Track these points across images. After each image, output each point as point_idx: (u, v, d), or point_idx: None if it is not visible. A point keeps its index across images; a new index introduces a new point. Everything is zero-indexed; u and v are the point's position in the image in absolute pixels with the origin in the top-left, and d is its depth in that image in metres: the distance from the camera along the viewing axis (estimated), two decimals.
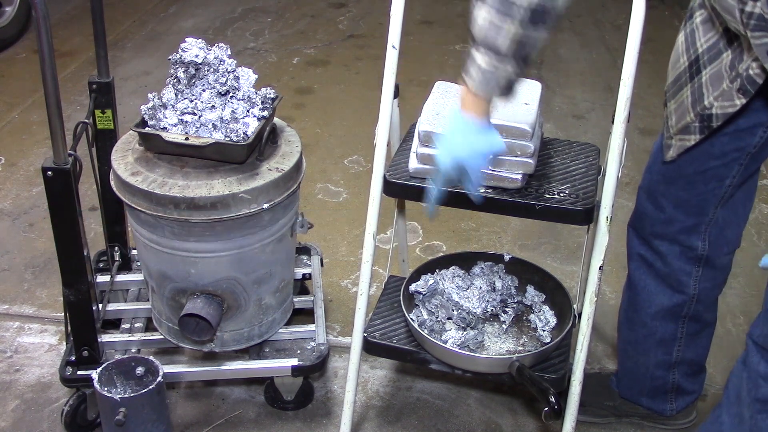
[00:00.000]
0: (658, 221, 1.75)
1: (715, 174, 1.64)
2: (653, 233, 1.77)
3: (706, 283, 1.79)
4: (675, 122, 1.59)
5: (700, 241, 1.73)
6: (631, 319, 1.90)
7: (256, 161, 1.80)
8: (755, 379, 1.46)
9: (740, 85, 1.43)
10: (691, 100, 1.54)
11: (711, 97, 1.49)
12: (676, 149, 1.61)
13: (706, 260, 1.75)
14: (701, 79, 1.52)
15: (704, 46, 1.52)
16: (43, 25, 1.54)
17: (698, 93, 1.52)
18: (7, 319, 2.40)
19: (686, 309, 1.81)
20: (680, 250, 1.75)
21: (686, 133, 1.57)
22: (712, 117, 1.50)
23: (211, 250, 1.79)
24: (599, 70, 4.06)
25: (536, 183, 1.69)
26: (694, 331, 1.86)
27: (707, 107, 1.50)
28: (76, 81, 3.86)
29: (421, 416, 2.08)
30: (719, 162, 1.62)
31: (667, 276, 1.79)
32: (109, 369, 1.83)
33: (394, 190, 1.73)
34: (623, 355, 1.98)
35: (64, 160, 1.67)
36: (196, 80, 1.79)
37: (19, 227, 2.82)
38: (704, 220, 1.71)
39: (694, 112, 1.53)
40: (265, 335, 2.00)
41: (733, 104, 1.45)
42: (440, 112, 1.71)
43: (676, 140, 1.60)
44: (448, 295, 1.87)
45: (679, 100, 1.58)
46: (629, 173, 3.06)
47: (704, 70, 1.51)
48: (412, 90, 3.62)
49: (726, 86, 1.46)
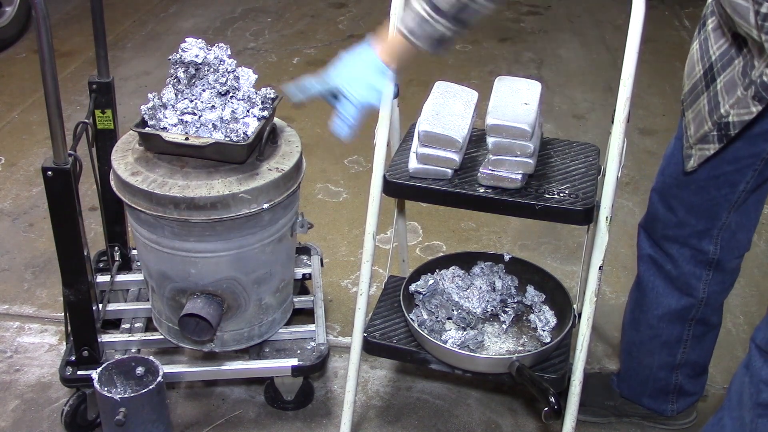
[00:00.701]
0: (670, 224, 1.74)
1: (729, 179, 1.62)
2: (664, 236, 1.77)
3: (715, 287, 1.78)
4: (694, 132, 1.58)
5: (711, 245, 1.72)
6: (638, 320, 1.89)
7: (256, 161, 1.80)
8: (757, 384, 1.46)
9: (755, 92, 1.40)
10: (707, 108, 1.53)
11: (727, 105, 1.47)
12: (697, 159, 1.59)
13: (717, 264, 1.74)
14: (716, 87, 1.50)
15: (716, 54, 1.51)
16: (43, 25, 1.54)
17: (714, 101, 1.51)
18: (7, 319, 2.40)
19: (694, 312, 1.81)
20: (691, 253, 1.74)
21: (705, 142, 1.55)
22: (729, 125, 1.48)
23: (211, 250, 1.79)
24: (599, 70, 4.06)
25: (536, 183, 1.69)
26: (700, 333, 1.85)
27: (724, 115, 1.48)
28: (76, 81, 3.86)
29: (421, 416, 2.08)
30: (733, 167, 1.61)
31: (677, 279, 1.78)
32: (109, 369, 1.83)
33: (394, 190, 1.73)
34: (627, 355, 1.97)
35: (64, 160, 1.67)
36: (196, 80, 1.79)
37: (19, 227, 2.82)
38: (716, 225, 1.69)
39: (711, 120, 1.51)
40: (265, 335, 2.00)
41: (750, 111, 1.43)
42: (440, 112, 1.71)
43: (696, 150, 1.58)
44: (448, 295, 1.87)
45: (696, 110, 1.57)
46: (629, 173, 3.06)
47: (719, 78, 1.50)
48: (412, 90, 3.62)
49: (740, 93, 1.44)
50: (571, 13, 4.77)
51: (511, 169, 1.64)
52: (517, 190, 1.65)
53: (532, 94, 1.73)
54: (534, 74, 3.99)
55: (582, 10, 4.78)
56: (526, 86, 1.76)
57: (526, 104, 1.69)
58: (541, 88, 1.78)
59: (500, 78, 1.80)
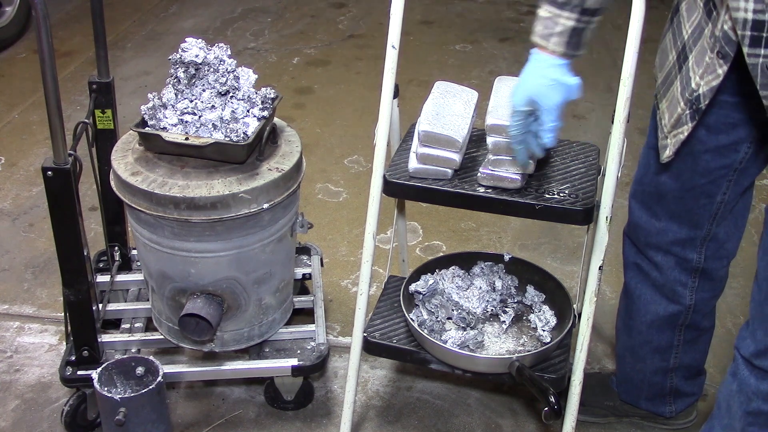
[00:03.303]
0: (653, 231, 1.73)
1: (704, 191, 1.62)
2: (648, 243, 1.75)
3: (704, 294, 1.77)
4: (668, 119, 1.54)
5: (695, 253, 1.71)
6: (628, 326, 1.89)
7: (256, 161, 1.80)
8: (746, 393, 1.45)
9: (719, 48, 1.35)
10: (680, 89, 1.49)
11: (697, 77, 1.43)
12: (672, 147, 1.54)
13: (703, 272, 1.73)
14: (688, 65, 1.46)
15: (689, 30, 1.47)
16: (43, 25, 1.54)
17: (686, 79, 1.46)
18: (7, 319, 2.40)
19: (682, 318, 1.80)
20: (675, 260, 1.73)
21: (679, 125, 1.51)
22: (699, 98, 1.43)
23: (211, 250, 1.79)
24: (599, 70, 4.06)
25: (536, 183, 1.69)
26: (692, 338, 1.85)
27: (695, 89, 1.43)
28: (76, 81, 3.86)
29: (421, 416, 2.08)
30: (705, 180, 1.60)
31: (663, 286, 1.77)
32: (109, 369, 1.83)
33: (394, 190, 1.73)
34: (621, 361, 1.97)
35: (64, 160, 1.67)
36: (196, 80, 1.79)
37: (19, 227, 2.82)
38: (699, 234, 1.68)
39: (684, 99, 1.47)
40: (265, 335, 2.00)
41: (716, 75, 1.38)
42: (440, 112, 1.71)
43: (671, 137, 1.54)
44: (448, 295, 1.87)
45: (670, 96, 1.53)
46: (629, 173, 3.05)
47: (690, 54, 1.46)
48: (412, 90, 3.63)
49: (708, 58, 1.39)
50: None
51: (511, 169, 1.64)
52: (517, 190, 1.65)
53: None
54: None
55: None
56: None
57: None
58: None
59: (500, 78, 1.80)
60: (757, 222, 2.86)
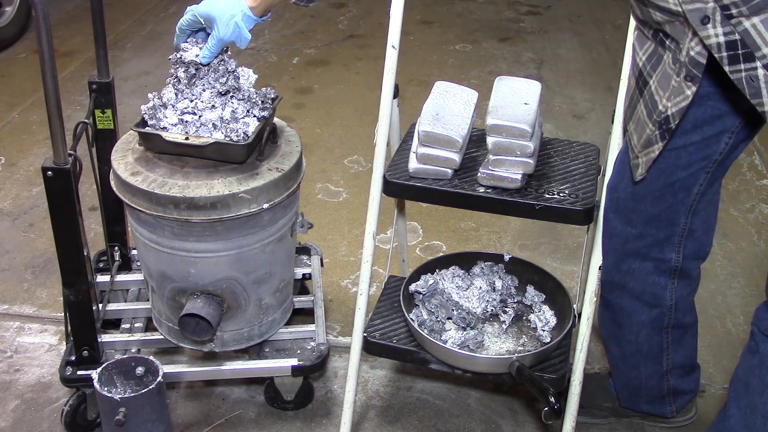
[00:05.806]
0: (630, 237, 1.70)
1: (683, 184, 1.61)
2: (625, 251, 1.72)
3: (682, 291, 1.77)
4: (637, 140, 1.56)
5: (673, 253, 1.70)
6: (617, 337, 1.87)
7: (256, 161, 1.80)
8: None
9: (686, 72, 1.38)
10: (646, 112, 1.51)
11: (664, 100, 1.45)
12: (644, 165, 1.56)
13: (681, 272, 1.72)
14: (650, 89, 1.49)
15: (643, 58, 1.50)
16: (43, 25, 1.54)
17: (651, 102, 1.49)
18: (7, 319, 2.40)
19: (666, 320, 1.79)
20: (654, 265, 1.71)
21: (649, 145, 1.53)
22: (669, 119, 1.46)
23: (211, 250, 1.79)
24: (599, 70, 4.06)
25: (536, 183, 1.69)
26: (678, 336, 1.84)
27: (662, 111, 1.46)
28: (76, 81, 3.86)
29: (421, 416, 2.08)
30: (686, 173, 1.60)
31: (642, 293, 1.75)
32: (109, 369, 1.83)
33: (394, 190, 1.73)
34: (616, 370, 1.95)
35: (64, 160, 1.67)
36: (196, 80, 1.79)
37: (19, 227, 2.82)
38: (676, 231, 1.67)
39: (652, 121, 1.50)
40: (265, 335, 2.00)
41: (685, 96, 1.41)
42: (440, 112, 1.71)
43: (642, 156, 1.56)
44: (448, 295, 1.87)
45: (636, 118, 1.55)
46: None
47: (651, 80, 1.49)
48: (412, 90, 3.63)
49: (674, 82, 1.42)
50: (571, 13, 4.77)
51: (511, 169, 1.64)
52: (517, 190, 1.65)
53: (532, 94, 1.73)
54: (534, 74, 3.99)
55: (582, 10, 4.78)
56: (526, 86, 1.76)
57: (526, 104, 1.69)
58: (541, 88, 1.78)
59: (500, 78, 1.80)
60: (757, 222, 2.86)
